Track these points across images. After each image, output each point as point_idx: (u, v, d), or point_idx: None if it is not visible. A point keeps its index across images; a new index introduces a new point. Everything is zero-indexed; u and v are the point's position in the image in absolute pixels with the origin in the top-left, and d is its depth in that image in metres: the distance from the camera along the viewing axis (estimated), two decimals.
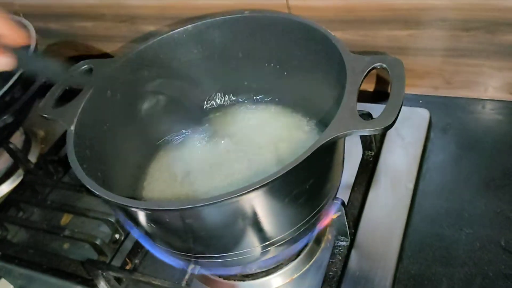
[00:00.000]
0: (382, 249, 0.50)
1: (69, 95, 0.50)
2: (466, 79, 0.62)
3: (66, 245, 0.61)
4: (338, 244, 0.51)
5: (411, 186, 0.55)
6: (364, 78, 0.40)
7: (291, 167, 0.35)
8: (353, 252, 0.50)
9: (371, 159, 0.58)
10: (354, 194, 0.55)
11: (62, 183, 0.68)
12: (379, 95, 0.68)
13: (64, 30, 0.83)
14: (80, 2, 0.76)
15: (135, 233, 0.45)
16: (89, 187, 0.37)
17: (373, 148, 0.58)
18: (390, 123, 0.36)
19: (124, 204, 0.35)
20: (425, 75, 0.63)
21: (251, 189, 0.34)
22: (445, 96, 0.63)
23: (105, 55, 0.84)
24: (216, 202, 0.34)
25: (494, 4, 0.53)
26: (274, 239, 0.42)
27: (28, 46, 0.40)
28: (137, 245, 0.57)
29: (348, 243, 0.51)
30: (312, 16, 0.56)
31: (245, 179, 0.50)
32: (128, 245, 0.58)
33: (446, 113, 0.62)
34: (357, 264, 0.49)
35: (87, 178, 0.38)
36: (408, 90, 0.66)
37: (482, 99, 0.62)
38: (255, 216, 0.39)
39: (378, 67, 0.41)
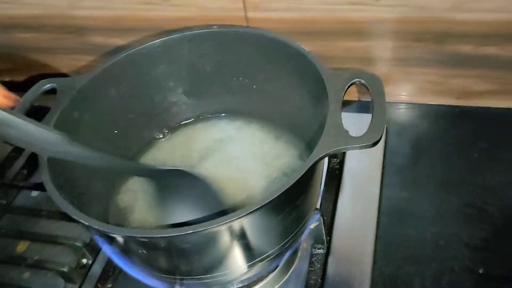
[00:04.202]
0: (357, 254, 0.52)
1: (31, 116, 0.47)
2: (416, 87, 0.66)
3: (26, 275, 0.57)
4: (315, 252, 0.52)
5: (377, 190, 0.57)
6: (344, 94, 0.42)
7: (288, 186, 0.36)
8: (330, 259, 0.52)
9: (337, 166, 0.60)
10: (326, 203, 0.56)
11: (15, 208, 0.63)
12: None
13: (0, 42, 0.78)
14: (20, 12, 0.72)
15: (118, 261, 0.44)
16: (83, 222, 0.35)
17: (338, 156, 0.61)
18: (379, 138, 0.38)
19: (133, 235, 0.34)
20: None
21: (253, 209, 0.34)
22: (398, 102, 0.67)
23: (48, 69, 0.80)
24: (223, 224, 0.34)
25: (443, 18, 0.57)
26: (262, 256, 0.43)
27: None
28: (107, 269, 0.55)
29: (325, 251, 0.52)
30: (270, 28, 0.57)
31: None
32: (97, 269, 0.56)
33: (400, 119, 0.66)
34: (335, 270, 0.51)
35: (78, 212, 0.36)
36: (363, 97, 0.70)
37: (432, 105, 0.66)
38: (248, 236, 0.39)
39: (357, 83, 0.42)
